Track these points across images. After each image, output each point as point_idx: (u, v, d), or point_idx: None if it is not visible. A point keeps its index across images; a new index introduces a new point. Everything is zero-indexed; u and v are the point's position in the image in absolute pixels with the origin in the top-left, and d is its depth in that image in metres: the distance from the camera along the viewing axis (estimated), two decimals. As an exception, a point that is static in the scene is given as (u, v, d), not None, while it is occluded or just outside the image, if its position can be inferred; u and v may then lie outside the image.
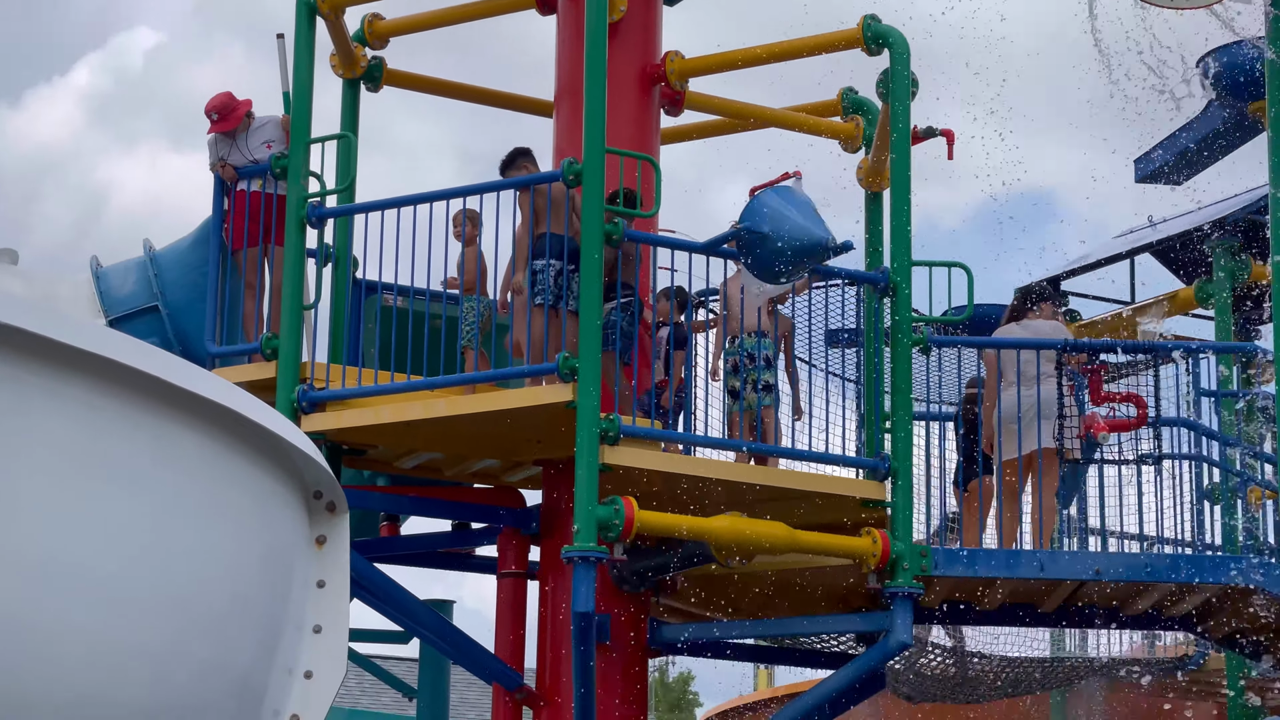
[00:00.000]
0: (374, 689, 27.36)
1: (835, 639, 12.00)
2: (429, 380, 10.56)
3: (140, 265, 11.71)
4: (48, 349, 4.32)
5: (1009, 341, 11.53)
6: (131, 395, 4.60)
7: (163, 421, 4.70)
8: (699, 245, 10.64)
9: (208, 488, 4.90)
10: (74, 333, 4.39)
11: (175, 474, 4.78)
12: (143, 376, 4.57)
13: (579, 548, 9.70)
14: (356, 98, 12.34)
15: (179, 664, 4.77)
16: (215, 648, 4.92)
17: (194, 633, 4.81)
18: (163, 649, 4.71)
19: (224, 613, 4.95)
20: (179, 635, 4.77)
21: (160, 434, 4.70)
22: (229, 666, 5.01)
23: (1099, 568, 10.90)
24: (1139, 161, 14.72)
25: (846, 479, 10.80)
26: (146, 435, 4.68)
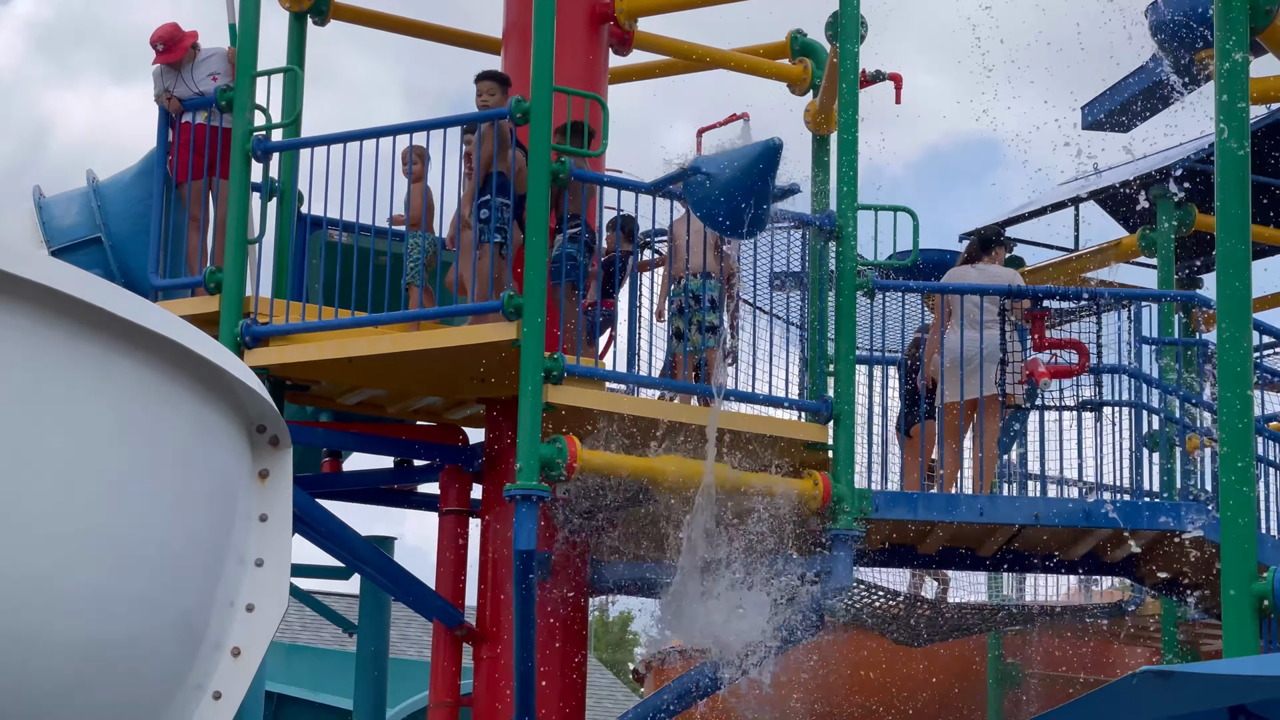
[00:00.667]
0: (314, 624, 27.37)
1: (777, 580, 12.04)
2: (373, 316, 10.53)
3: (84, 196, 11.61)
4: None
5: (954, 287, 11.58)
6: (72, 325, 4.57)
7: (104, 352, 4.66)
8: (646, 185, 10.62)
9: (149, 419, 4.88)
10: (14, 261, 4.35)
11: (116, 406, 4.75)
12: (84, 306, 4.54)
13: (522, 486, 9.72)
14: (303, 31, 12.23)
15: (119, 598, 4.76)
16: (156, 581, 4.90)
17: (134, 566, 4.79)
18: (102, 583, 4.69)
19: (165, 546, 4.94)
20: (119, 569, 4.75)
21: (101, 365, 4.66)
22: (170, 600, 5.00)
23: (1038, 513, 11.00)
24: (1086, 108, 14.76)
25: (789, 421, 10.85)
26: (87, 366, 4.64)
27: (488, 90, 10.70)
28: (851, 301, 10.79)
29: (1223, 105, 9.12)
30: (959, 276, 12.01)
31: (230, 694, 5.22)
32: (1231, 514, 9.19)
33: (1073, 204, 15.62)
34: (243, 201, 10.81)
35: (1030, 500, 11.23)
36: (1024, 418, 11.74)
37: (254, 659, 5.29)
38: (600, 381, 10.45)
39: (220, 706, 5.21)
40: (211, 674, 5.21)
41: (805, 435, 10.71)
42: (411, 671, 18.31)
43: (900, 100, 11.91)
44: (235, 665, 5.26)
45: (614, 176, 10.86)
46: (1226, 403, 9.29)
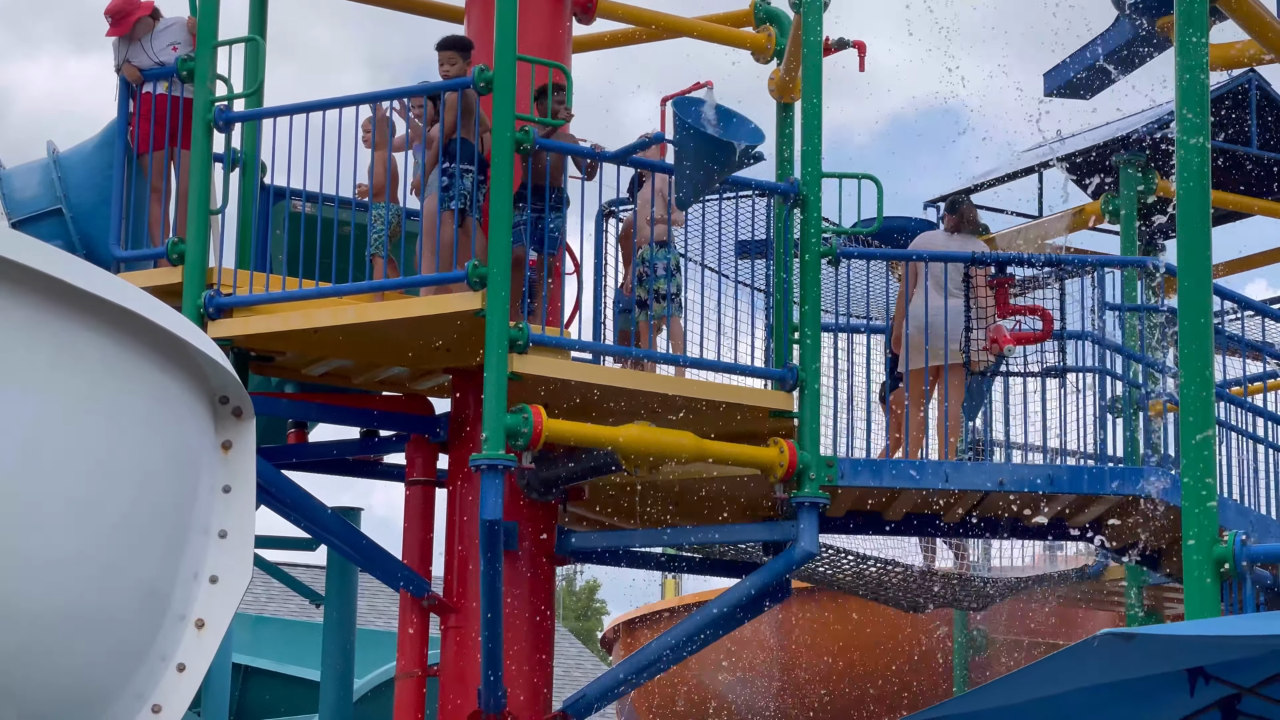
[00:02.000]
0: (281, 596, 27.36)
1: (743, 548, 12.10)
2: (337, 287, 10.50)
3: (44, 168, 11.53)
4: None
5: (916, 254, 11.60)
6: (33, 297, 4.56)
7: (65, 324, 4.66)
8: (610, 155, 10.61)
9: (111, 391, 4.87)
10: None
11: (77, 377, 4.75)
12: (44, 278, 4.53)
13: (487, 456, 9.72)
14: (265, 0, 12.16)
15: (81, 569, 4.76)
16: (119, 552, 4.91)
17: (96, 537, 4.79)
18: (64, 554, 4.69)
19: (128, 517, 4.94)
20: (81, 540, 4.75)
21: (62, 337, 4.66)
22: (133, 571, 5.00)
23: (1003, 479, 11.04)
24: (1048, 75, 14.79)
25: (755, 389, 10.87)
26: (48, 338, 4.64)
27: (448, 60, 10.66)
28: (816, 269, 10.81)
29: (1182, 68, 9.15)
30: (928, 242, 12.03)
31: (194, 666, 5.23)
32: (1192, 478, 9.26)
33: (1036, 170, 15.66)
34: (205, 172, 10.75)
35: (995, 466, 11.27)
36: (989, 384, 11.78)
37: (218, 630, 5.30)
38: (565, 350, 10.44)
39: (184, 678, 5.22)
40: (176, 645, 5.22)
41: (770, 403, 10.74)
42: (379, 642, 18.33)
43: (864, 68, 11.93)
44: (199, 637, 5.27)
45: (578, 146, 10.84)
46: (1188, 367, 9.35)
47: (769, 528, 10.93)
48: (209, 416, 5.40)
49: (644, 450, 10.11)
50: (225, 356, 5.33)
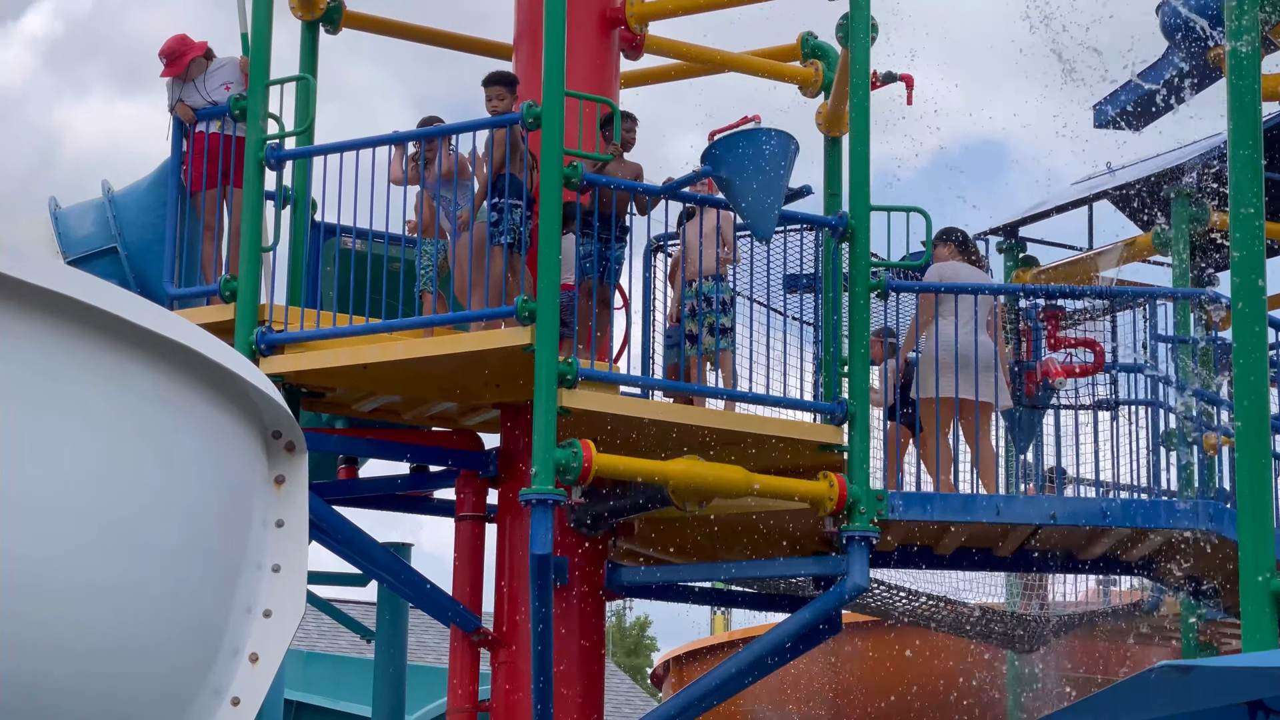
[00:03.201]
0: (331, 632, 27.40)
1: (793, 582, 12.05)
2: (386, 323, 10.55)
3: (99, 207, 11.64)
4: (7, 287, 4.29)
5: (968, 287, 11.55)
6: (89, 333, 4.58)
7: (121, 359, 4.68)
8: (659, 189, 10.64)
9: (165, 426, 4.89)
10: (32, 270, 4.37)
11: (133, 411, 4.76)
12: (100, 314, 4.55)
13: (537, 490, 9.73)
14: (315, 40, 12.25)
15: (135, 601, 4.76)
16: (172, 585, 4.91)
17: (150, 570, 4.80)
18: (118, 586, 4.70)
19: (181, 550, 4.95)
20: (135, 572, 4.76)
21: (118, 371, 4.68)
22: (186, 605, 5.00)
23: (1055, 512, 10.97)
24: (1097, 107, 14.74)
25: (804, 423, 10.85)
26: (104, 373, 4.66)
27: (497, 95, 10.71)
28: (865, 302, 10.79)
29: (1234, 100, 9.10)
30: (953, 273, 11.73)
31: (248, 700, 5.23)
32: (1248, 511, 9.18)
33: (1086, 203, 15.60)
34: (256, 210, 10.84)
35: (1047, 500, 11.20)
36: (1040, 417, 11.71)
37: (271, 664, 5.30)
38: (614, 385, 10.45)
39: (238, 712, 5.21)
40: (229, 679, 5.22)
41: (820, 437, 10.71)
42: (429, 678, 18.32)
43: (912, 101, 11.91)
44: (253, 671, 5.27)
45: (627, 180, 10.86)
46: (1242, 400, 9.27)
47: (819, 562, 10.89)
48: (262, 451, 5.41)
49: (693, 484, 10.10)
50: (277, 391, 5.35)
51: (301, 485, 5.49)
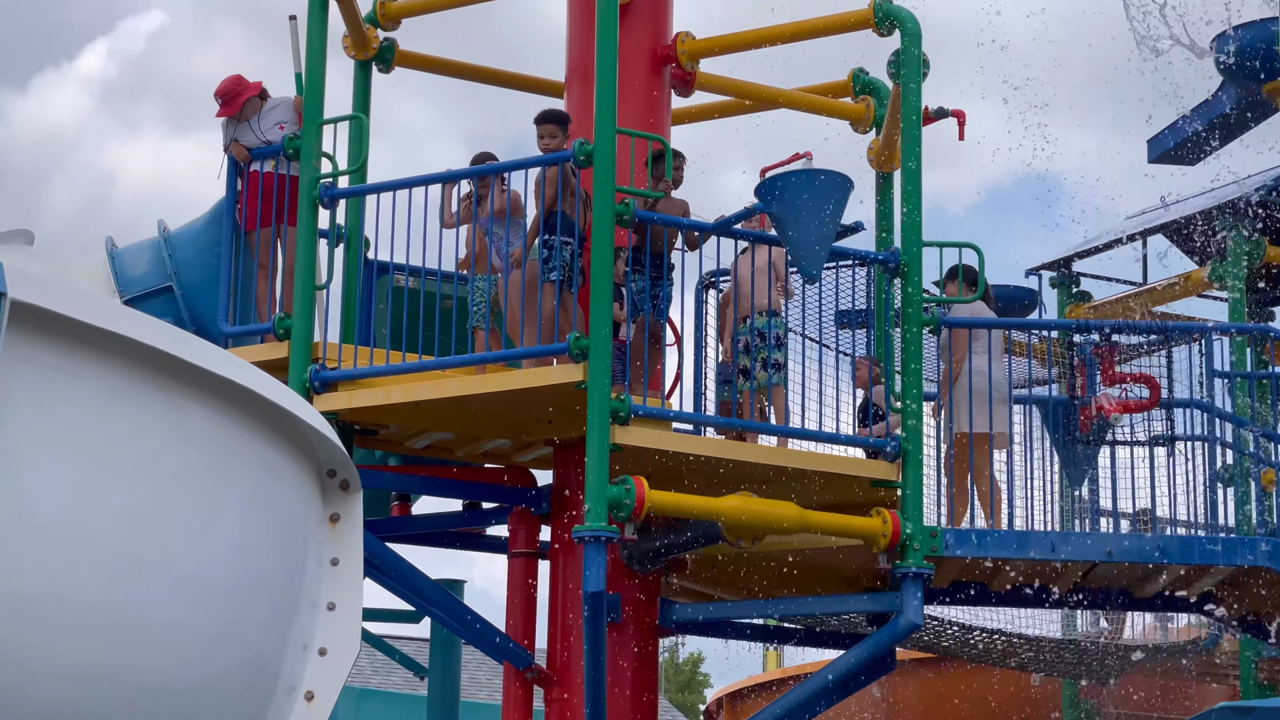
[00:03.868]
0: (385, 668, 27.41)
1: (846, 619, 12.00)
2: (439, 360, 10.57)
3: (154, 246, 11.73)
4: (64, 326, 4.33)
5: (1019, 323, 11.50)
6: (146, 372, 4.61)
7: (177, 398, 4.71)
8: (711, 225, 10.64)
9: (221, 464, 4.91)
10: (89, 310, 4.40)
11: (189, 450, 4.79)
12: (157, 354, 4.58)
13: (590, 527, 9.72)
14: (368, 79, 12.34)
15: (191, 639, 4.78)
16: (228, 623, 4.93)
17: (206, 608, 4.82)
18: (174, 624, 4.72)
19: (236, 588, 4.97)
20: (191, 610, 4.78)
21: (174, 410, 4.71)
22: (242, 642, 5.02)
23: (1111, 549, 10.89)
24: (1152, 142, 14.69)
25: (857, 459, 10.81)
26: (161, 412, 4.69)
27: (549, 133, 10.75)
28: (918, 338, 10.76)
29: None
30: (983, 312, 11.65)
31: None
32: (1307, 548, 9.10)
33: (1141, 237, 15.53)
34: (310, 248, 10.90)
35: (1103, 537, 11.13)
36: (1095, 452, 11.64)
37: (327, 703, 5.31)
38: (667, 422, 10.44)
39: (294, 750, 5.22)
40: (285, 718, 5.23)
41: (873, 473, 10.67)
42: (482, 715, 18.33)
43: (963, 137, 11.90)
44: (309, 709, 5.28)
45: (679, 217, 10.87)
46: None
47: (873, 599, 10.84)
48: (316, 489, 5.43)
49: (747, 521, 10.07)
50: (332, 429, 5.37)
51: (356, 523, 5.51)
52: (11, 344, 4.19)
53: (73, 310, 4.33)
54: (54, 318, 4.29)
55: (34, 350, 4.31)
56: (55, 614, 4.37)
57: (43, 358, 4.33)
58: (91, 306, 4.39)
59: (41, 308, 4.24)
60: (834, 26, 11.66)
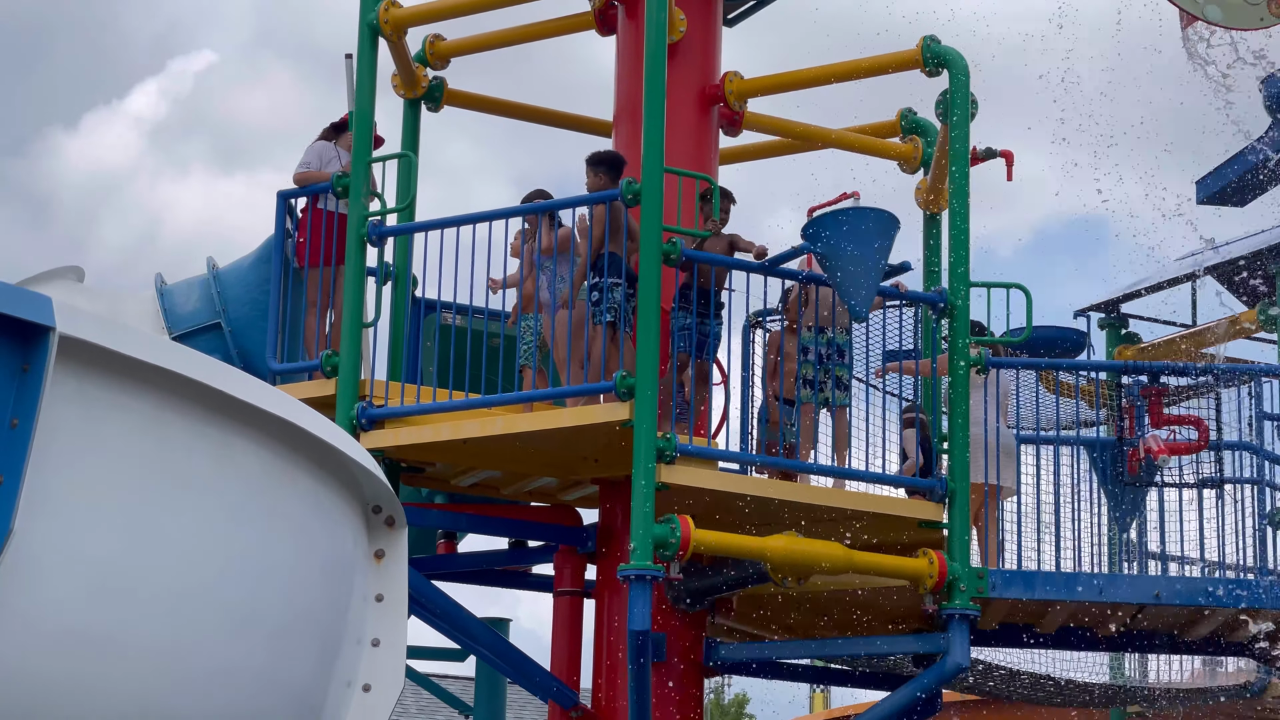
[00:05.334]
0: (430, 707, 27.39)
1: (892, 660, 11.95)
2: (486, 398, 10.59)
3: (203, 283, 11.80)
4: (114, 362, 4.36)
5: (1068, 364, 11.46)
6: (195, 409, 4.64)
7: (225, 434, 4.73)
8: (758, 265, 10.64)
9: (268, 500, 4.93)
10: (137, 345, 4.43)
11: (236, 486, 4.81)
12: (206, 390, 4.61)
13: (635, 566, 9.71)
14: (417, 117, 12.41)
15: (237, 675, 4.80)
16: (274, 659, 4.94)
17: (252, 644, 4.84)
18: (221, 660, 4.73)
19: (283, 625, 4.98)
20: (237, 646, 4.79)
21: (222, 446, 4.73)
22: (287, 678, 5.03)
23: (1159, 591, 10.82)
24: (1201, 183, 14.63)
25: (904, 499, 10.78)
26: (209, 448, 4.71)
27: (595, 174, 10.76)
28: (965, 378, 10.72)
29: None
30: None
31: (348, 774, 5.24)
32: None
33: (1189, 279, 15.46)
34: (358, 285, 10.94)
35: (1151, 579, 11.06)
36: (1143, 495, 11.58)
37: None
38: (713, 461, 10.43)
39: (339, 786, 5.23)
40: (329, 754, 5.23)
41: (920, 514, 10.64)
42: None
43: (1011, 177, 11.87)
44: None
45: (726, 258, 10.88)
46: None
47: (919, 640, 10.79)
48: (362, 525, 5.45)
49: (793, 561, 10.04)
50: (378, 466, 5.39)
51: (401, 560, 5.52)
52: (60, 379, 4.22)
53: (121, 345, 4.35)
54: (102, 352, 4.32)
55: (83, 385, 4.34)
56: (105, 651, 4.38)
57: (91, 393, 4.36)
58: (139, 341, 4.42)
59: (90, 342, 4.27)
60: (882, 67, 11.67)
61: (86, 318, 4.29)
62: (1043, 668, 13.15)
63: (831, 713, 18.83)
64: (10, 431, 4.11)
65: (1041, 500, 11.87)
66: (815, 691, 26.21)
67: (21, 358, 4.15)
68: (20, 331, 4.12)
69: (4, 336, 4.12)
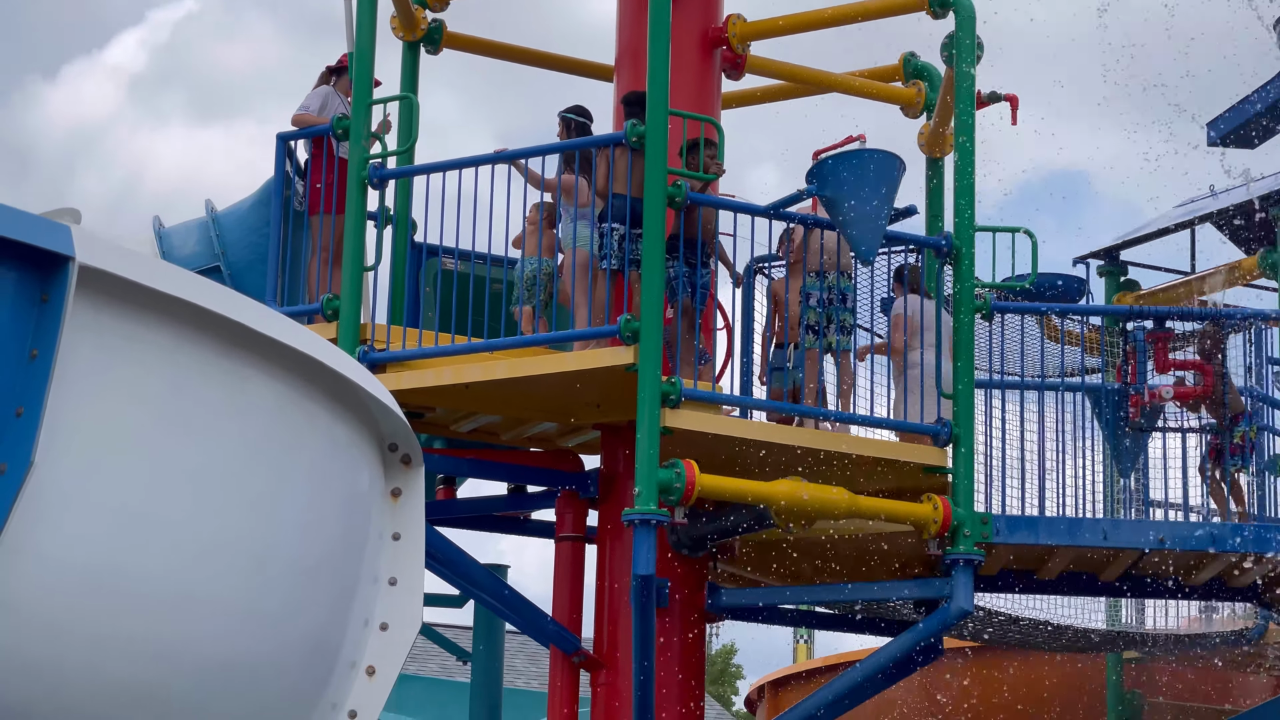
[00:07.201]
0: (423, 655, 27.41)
1: (893, 605, 11.92)
2: (489, 342, 10.52)
3: (202, 226, 11.71)
4: (131, 293, 4.28)
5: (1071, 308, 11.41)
6: (210, 341, 4.55)
7: (241, 367, 4.64)
8: (762, 208, 10.56)
9: (285, 436, 4.86)
10: (160, 277, 4.34)
11: (251, 421, 4.73)
12: (222, 321, 4.52)
13: (640, 510, 9.66)
14: (416, 61, 12.29)
15: (252, 615, 4.73)
16: (290, 598, 4.88)
17: (271, 583, 4.77)
18: (236, 599, 4.67)
19: (299, 564, 4.92)
20: (253, 584, 4.73)
21: (240, 380, 4.65)
22: (305, 617, 4.97)
23: (1163, 536, 10.80)
24: (1212, 123, 14.53)
25: (908, 445, 10.73)
26: (225, 382, 4.63)
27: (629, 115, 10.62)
28: (970, 323, 10.66)
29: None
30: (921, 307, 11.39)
31: (365, 713, 5.19)
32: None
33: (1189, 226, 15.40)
34: (359, 229, 10.85)
35: (1154, 524, 11.04)
36: (1145, 440, 11.55)
37: (388, 678, 5.26)
38: (717, 405, 10.37)
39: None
40: (346, 693, 5.18)
41: (924, 459, 10.59)
42: (522, 702, 18.27)
43: (1016, 121, 11.79)
44: (370, 685, 5.23)
45: (730, 200, 10.80)
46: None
47: (922, 585, 10.76)
48: (379, 463, 5.38)
49: (797, 506, 10.00)
50: (395, 402, 5.32)
51: (418, 498, 5.46)
52: (78, 310, 4.14)
53: (142, 276, 4.27)
54: (120, 283, 4.23)
55: (99, 316, 4.25)
56: (121, 588, 4.32)
57: (108, 324, 4.27)
58: (160, 272, 4.34)
59: (109, 273, 4.18)
60: (887, 9, 11.57)
61: (105, 247, 4.20)
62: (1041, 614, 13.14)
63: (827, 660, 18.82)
64: (30, 363, 4.03)
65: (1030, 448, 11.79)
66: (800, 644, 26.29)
67: (40, 288, 4.07)
68: (40, 261, 4.04)
69: (23, 266, 4.04)
